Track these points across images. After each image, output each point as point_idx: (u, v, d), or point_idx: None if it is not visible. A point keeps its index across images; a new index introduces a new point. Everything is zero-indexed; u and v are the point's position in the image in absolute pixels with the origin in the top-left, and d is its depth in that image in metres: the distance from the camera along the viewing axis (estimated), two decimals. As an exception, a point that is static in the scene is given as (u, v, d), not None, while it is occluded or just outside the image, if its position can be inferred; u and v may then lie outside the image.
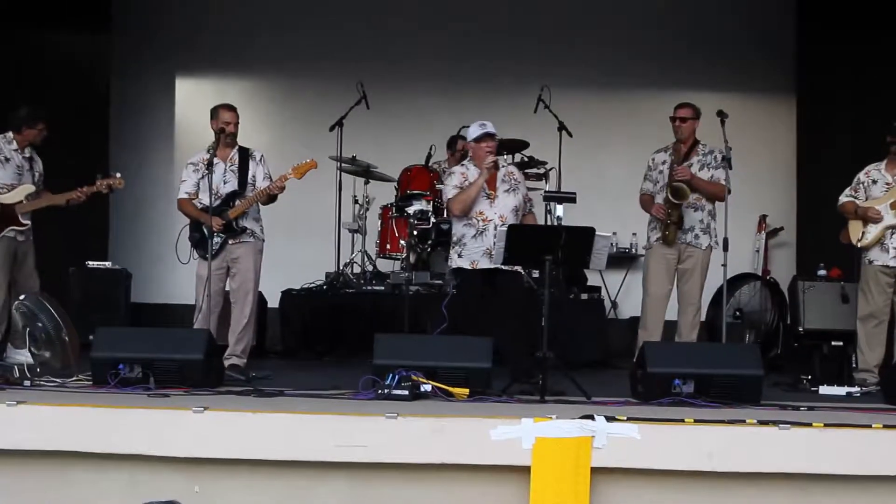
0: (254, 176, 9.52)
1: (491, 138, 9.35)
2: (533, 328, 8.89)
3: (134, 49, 14.08)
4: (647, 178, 9.94)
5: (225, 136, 9.44)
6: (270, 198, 9.49)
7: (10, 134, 9.98)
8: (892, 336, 9.50)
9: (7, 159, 9.86)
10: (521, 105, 12.59)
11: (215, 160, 9.37)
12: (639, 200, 9.95)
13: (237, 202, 9.38)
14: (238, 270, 9.45)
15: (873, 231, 9.43)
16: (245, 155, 9.57)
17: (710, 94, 12.69)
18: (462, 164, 9.65)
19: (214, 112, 9.55)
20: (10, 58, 12.29)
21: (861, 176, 9.66)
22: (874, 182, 9.57)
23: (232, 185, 9.44)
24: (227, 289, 9.51)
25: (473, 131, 9.44)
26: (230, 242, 9.39)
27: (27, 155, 9.99)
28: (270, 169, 9.58)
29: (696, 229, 9.72)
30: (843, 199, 9.69)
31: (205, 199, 9.35)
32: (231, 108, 9.56)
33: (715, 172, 9.74)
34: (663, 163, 9.83)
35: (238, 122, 9.55)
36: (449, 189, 9.42)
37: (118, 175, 9.84)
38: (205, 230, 9.31)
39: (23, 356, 8.18)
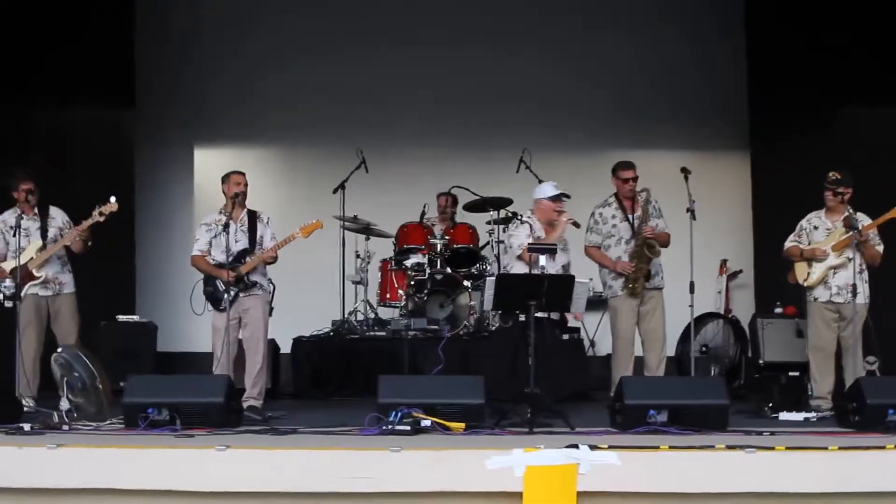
0: (262, 236, 9.54)
1: (561, 200, 9.38)
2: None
3: (156, 123, 14.09)
4: (594, 231, 9.94)
5: (239, 199, 9.45)
6: (272, 260, 9.52)
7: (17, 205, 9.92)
8: (842, 365, 9.49)
9: (11, 227, 9.70)
10: (504, 166, 12.64)
11: (227, 220, 9.40)
12: (586, 252, 9.93)
13: (247, 259, 9.37)
14: (249, 320, 9.43)
15: (818, 271, 9.45)
16: (254, 217, 9.59)
17: (673, 152, 12.82)
18: (528, 217, 9.54)
19: (226, 178, 9.58)
20: (41, 131, 12.31)
21: (803, 223, 9.70)
22: (815, 228, 9.61)
23: (243, 243, 9.44)
24: (239, 337, 9.48)
25: (548, 190, 9.45)
26: (241, 295, 9.37)
27: (34, 214, 9.87)
28: (280, 227, 9.60)
29: (656, 274, 9.77)
30: (788, 244, 9.72)
31: (217, 255, 9.38)
32: (241, 173, 9.61)
33: (658, 222, 9.83)
34: (612, 217, 9.87)
35: (247, 185, 9.58)
36: (522, 237, 9.30)
37: (112, 199, 9.57)
38: (218, 284, 9.33)
39: (61, 403, 8.14)
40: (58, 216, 10.00)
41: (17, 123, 12.05)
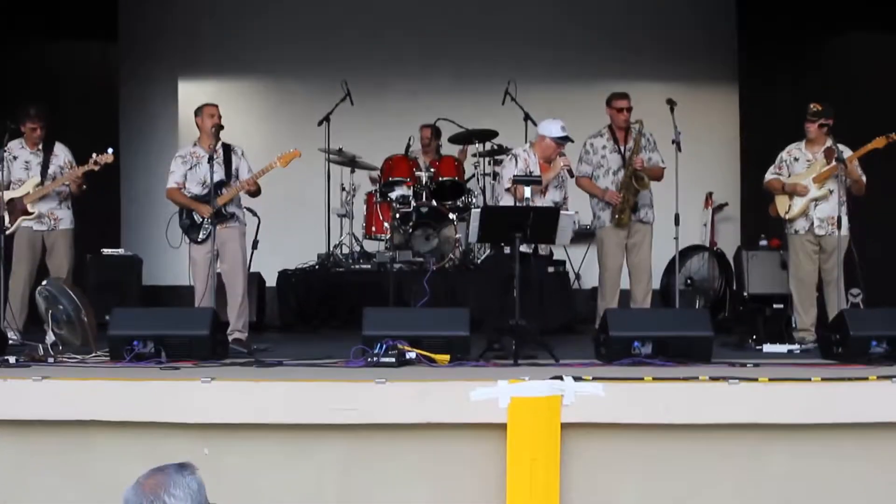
0: (237, 168, 9.53)
1: (564, 143, 9.29)
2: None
3: (140, 55, 14.02)
4: (585, 162, 9.89)
5: (213, 129, 9.42)
6: (255, 191, 9.53)
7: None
8: (824, 298, 9.53)
9: (15, 158, 9.72)
10: (489, 98, 12.59)
11: (202, 153, 9.41)
12: (576, 182, 9.84)
13: (223, 191, 9.36)
14: (227, 253, 9.45)
15: (799, 204, 9.45)
16: (228, 150, 9.55)
17: (660, 83, 12.75)
18: (524, 150, 9.45)
19: (199, 111, 9.58)
20: (25, 66, 12.23)
21: (784, 155, 9.69)
22: (796, 160, 9.60)
23: (219, 175, 9.34)
24: (218, 270, 9.47)
25: (554, 130, 9.28)
26: (218, 228, 9.33)
27: (38, 149, 9.84)
28: (264, 159, 9.57)
29: (643, 207, 9.75)
30: (769, 176, 9.72)
31: (193, 188, 9.43)
32: (215, 105, 9.59)
33: (652, 155, 9.80)
34: (603, 147, 9.84)
35: (221, 116, 9.56)
36: (512, 170, 9.21)
37: (109, 150, 9.58)
38: (195, 216, 9.38)
39: (47, 336, 8.14)
40: (61, 154, 9.94)
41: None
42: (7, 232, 9.54)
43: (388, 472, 6.65)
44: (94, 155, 9.55)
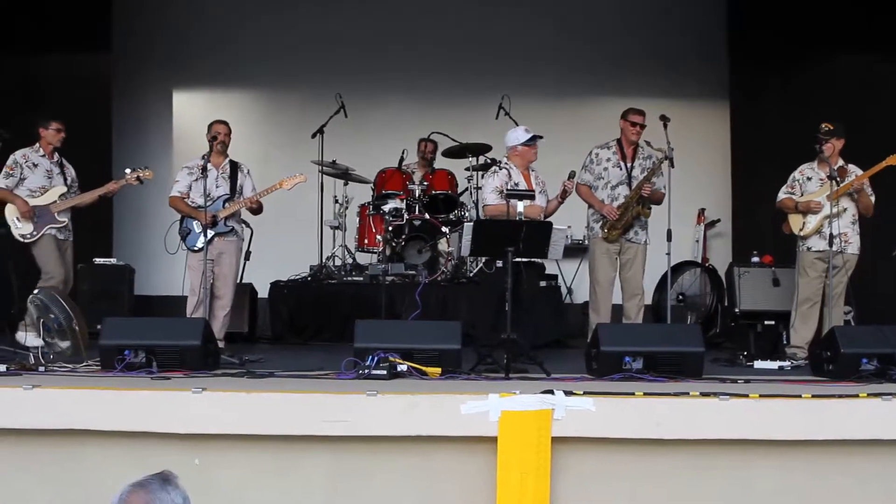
0: (241, 185, 9.76)
1: (535, 143, 9.34)
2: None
3: (135, 67, 14.00)
4: (587, 170, 9.87)
5: (217, 144, 9.61)
6: (257, 209, 9.73)
7: (38, 144, 9.91)
8: (822, 315, 9.51)
9: (35, 165, 9.81)
10: (483, 113, 12.59)
11: (209, 166, 9.54)
12: (576, 189, 9.82)
13: (226, 205, 9.54)
14: (223, 263, 9.64)
15: (813, 221, 9.42)
16: (235, 167, 9.78)
17: (652, 100, 12.70)
18: (505, 164, 9.44)
19: (209, 126, 9.76)
20: (17, 77, 12.23)
21: (796, 175, 9.66)
22: (808, 179, 9.58)
23: (224, 189, 9.65)
24: (210, 280, 9.57)
25: (521, 136, 9.38)
26: (217, 239, 9.54)
27: (56, 160, 9.95)
28: (258, 172, 9.67)
29: (635, 227, 9.73)
30: (781, 195, 9.69)
31: (197, 199, 9.53)
32: (223, 122, 9.80)
33: (657, 181, 9.75)
34: (607, 160, 9.81)
35: (230, 134, 9.75)
36: (492, 186, 9.30)
37: (146, 168, 9.82)
38: (195, 226, 9.53)
39: (37, 344, 8.10)
40: (71, 169, 10.12)
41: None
42: (33, 239, 9.63)
43: (377, 484, 6.65)
44: (132, 169, 9.79)
